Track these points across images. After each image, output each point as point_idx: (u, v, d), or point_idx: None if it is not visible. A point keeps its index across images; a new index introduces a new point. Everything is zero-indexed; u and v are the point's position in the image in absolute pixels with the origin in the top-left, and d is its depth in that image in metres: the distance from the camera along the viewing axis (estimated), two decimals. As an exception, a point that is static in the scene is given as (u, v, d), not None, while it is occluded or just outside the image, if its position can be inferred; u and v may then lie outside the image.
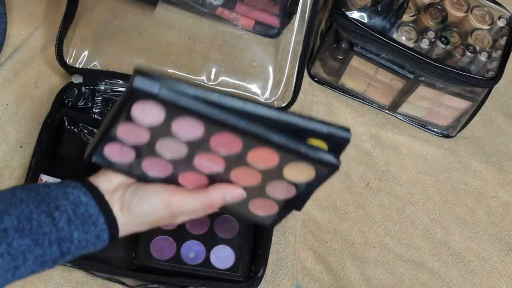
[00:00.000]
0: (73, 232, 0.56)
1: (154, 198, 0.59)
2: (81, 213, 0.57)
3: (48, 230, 0.55)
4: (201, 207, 0.60)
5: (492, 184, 0.95)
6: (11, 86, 0.87)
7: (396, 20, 0.88)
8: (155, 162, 0.60)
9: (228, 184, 0.60)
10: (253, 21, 0.93)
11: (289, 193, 0.62)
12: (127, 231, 0.60)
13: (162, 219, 0.60)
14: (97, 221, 0.57)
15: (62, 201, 0.56)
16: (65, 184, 0.58)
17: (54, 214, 0.55)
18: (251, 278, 0.78)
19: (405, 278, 0.86)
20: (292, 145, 0.56)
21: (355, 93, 0.97)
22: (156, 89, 0.53)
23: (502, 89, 1.02)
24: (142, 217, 0.59)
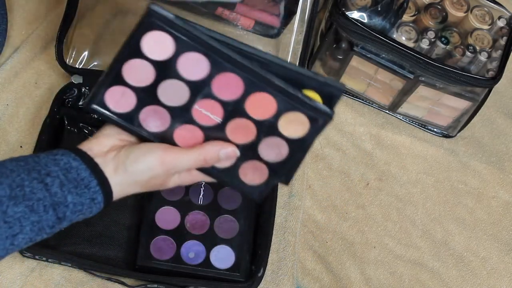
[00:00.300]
0: (67, 196, 0.56)
1: (149, 155, 0.60)
2: (72, 177, 0.57)
3: (42, 195, 0.55)
4: (195, 163, 0.61)
5: (492, 184, 0.95)
6: (11, 86, 0.87)
7: (396, 20, 0.88)
8: (154, 112, 0.60)
9: (222, 142, 0.61)
10: (253, 21, 0.93)
11: (281, 154, 0.63)
12: (122, 192, 0.61)
13: (157, 177, 0.61)
14: (90, 184, 0.58)
15: (52, 167, 0.57)
16: (53, 152, 0.59)
17: (46, 180, 0.56)
18: (251, 278, 0.78)
19: (405, 278, 0.86)
20: (291, 89, 0.57)
21: (355, 93, 0.97)
22: (171, 15, 0.54)
23: (502, 89, 1.02)
24: (138, 174, 0.60)
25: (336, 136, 0.94)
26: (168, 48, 0.56)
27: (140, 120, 0.61)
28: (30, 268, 0.77)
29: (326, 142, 0.93)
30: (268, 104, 0.59)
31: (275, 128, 0.61)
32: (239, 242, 0.80)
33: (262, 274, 0.78)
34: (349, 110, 0.96)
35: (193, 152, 0.61)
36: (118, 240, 0.80)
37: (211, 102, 0.59)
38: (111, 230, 0.80)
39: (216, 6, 0.92)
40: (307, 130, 0.61)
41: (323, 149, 0.93)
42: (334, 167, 0.92)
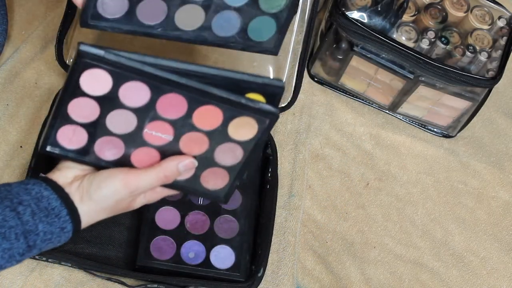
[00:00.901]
0: (38, 225, 0.57)
1: (111, 180, 0.61)
2: (44, 206, 0.58)
3: (14, 223, 0.56)
4: (157, 181, 0.62)
5: (492, 184, 0.95)
6: (11, 86, 0.87)
7: (396, 20, 0.88)
8: (107, 142, 0.62)
9: (178, 155, 0.63)
10: (253, 21, 0.93)
11: (236, 157, 0.65)
12: (90, 220, 0.62)
13: (122, 200, 0.62)
14: (60, 213, 0.59)
15: (24, 196, 0.58)
16: (24, 182, 0.60)
17: (18, 208, 0.57)
18: (251, 278, 0.78)
19: (405, 278, 0.86)
20: (233, 97, 0.59)
21: (355, 93, 0.97)
22: (102, 52, 0.56)
23: (502, 89, 1.02)
24: (103, 201, 0.61)
25: (336, 136, 0.94)
26: (106, 82, 0.58)
27: (96, 152, 0.63)
28: (30, 268, 0.77)
29: (326, 142, 0.93)
30: (214, 114, 0.61)
31: (225, 135, 0.63)
32: (239, 242, 0.80)
33: (262, 274, 0.78)
34: (349, 110, 0.96)
35: (153, 171, 0.62)
36: (118, 240, 0.80)
37: (159, 123, 0.61)
38: (111, 230, 0.80)
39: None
40: (256, 131, 0.63)
41: (323, 149, 0.93)
42: (334, 167, 0.92)
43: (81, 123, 0.61)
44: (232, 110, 0.60)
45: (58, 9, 0.94)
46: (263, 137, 0.63)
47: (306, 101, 0.95)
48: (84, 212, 0.61)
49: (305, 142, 0.92)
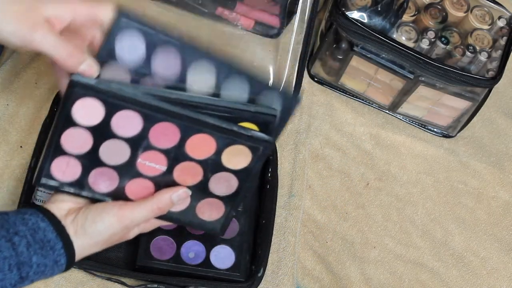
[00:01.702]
0: (32, 257, 0.57)
1: (105, 215, 0.61)
2: (39, 238, 0.58)
3: (8, 254, 0.56)
4: (151, 214, 0.63)
5: (492, 184, 0.95)
6: (11, 86, 0.87)
7: (396, 20, 0.88)
8: (101, 173, 0.62)
9: (171, 187, 0.63)
10: (253, 21, 0.93)
11: (231, 186, 0.65)
12: (84, 253, 0.62)
13: (116, 234, 0.62)
14: (55, 246, 0.59)
15: (20, 226, 0.58)
16: (22, 211, 0.60)
17: (13, 239, 0.57)
18: (251, 278, 0.78)
19: (405, 278, 0.86)
20: (225, 125, 0.60)
21: (355, 93, 0.97)
22: (93, 81, 0.56)
23: (502, 89, 1.02)
24: (97, 235, 0.61)
25: (336, 136, 0.94)
26: (99, 112, 0.58)
27: (90, 184, 0.63)
28: (30, 268, 0.77)
29: (326, 142, 0.93)
30: (207, 143, 0.61)
31: (219, 164, 0.63)
32: (239, 242, 0.80)
33: (262, 274, 0.78)
34: (349, 110, 0.96)
35: (146, 204, 0.63)
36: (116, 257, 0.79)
37: (152, 153, 0.61)
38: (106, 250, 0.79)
39: (216, 6, 0.92)
40: (250, 159, 0.63)
41: (323, 149, 0.93)
42: (334, 167, 0.92)
43: (74, 155, 0.61)
44: (225, 138, 0.61)
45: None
46: (258, 166, 0.63)
47: (306, 101, 0.95)
48: (78, 246, 0.61)
49: (305, 142, 0.92)
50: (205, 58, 0.60)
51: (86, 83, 0.56)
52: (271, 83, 0.66)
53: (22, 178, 0.80)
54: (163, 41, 0.59)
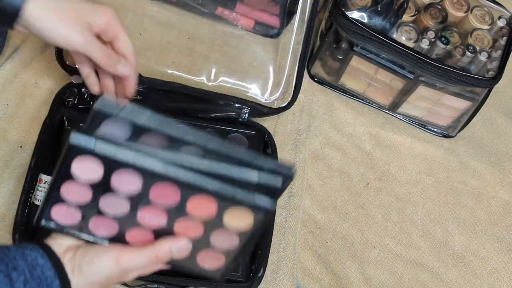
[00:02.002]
0: None
1: (103, 257, 0.61)
2: (37, 275, 0.58)
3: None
4: (149, 262, 0.62)
5: (492, 184, 0.95)
6: (11, 86, 0.87)
7: (396, 20, 0.88)
8: (101, 221, 0.62)
9: (174, 237, 0.62)
10: (253, 21, 0.93)
11: (233, 242, 0.64)
12: None
13: (113, 277, 0.62)
14: (52, 284, 0.59)
15: (20, 261, 0.58)
16: (23, 245, 0.60)
17: (12, 275, 0.56)
18: (251, 278, 0.78)
19: (405, 278, 0.86)
20: (227, 191, 0.58)
21: (355, 93, 0.97)
22: (92, 144, 0.55)
23: (502, 89, 1.02)
24: (94, 276, 0.61)
25: (336, 136, 0.94)
26: (98, 169, 0.58)
27: (90, 229, 0.63)
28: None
29: (326, 142, 0.93)
30: (208, 203, 0.60)
31: (221, 224, 0.62)
32: None
33: (262, 274, 0.78)
34: (349, 110, 0.96)
35: (145, 251, 0.62)
36: None
37: (153, 208, 0.61)
38: None
39: (216, 6, 0.92)
40: (252, 221, 0.61)
41: (323, 149, 0.93)
42: (334, 167, 0.92)
43: (74, 204, 0.61)
44: (226, 201, 0.59)
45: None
46: (260, 228, 0.62)
47: (306, 101, 0.96)
48: (75, 285, 0.61)
49: (305, 142, 0.92)
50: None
51: (85, 146, 0.56)
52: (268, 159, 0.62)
53: (22, 178, 0.80)
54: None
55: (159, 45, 0.91)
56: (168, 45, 0.91)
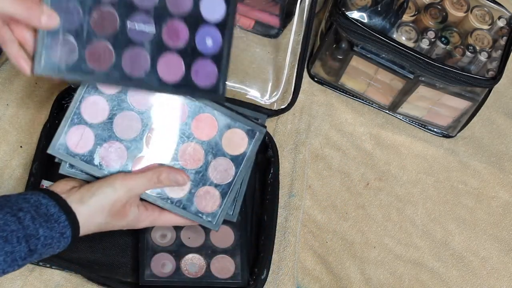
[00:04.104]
0: (39, 229, 0.59)
1: (110, 180, 0.65)
2: (43, 212, 0.60)
3: (15, 227, 0.57)
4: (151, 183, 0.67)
5: (492, 184, 0.95)
6: (11, 86, 0.87)
7: (396, 20, 0.88)
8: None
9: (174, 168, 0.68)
10: (253, 21, 0.93)
11: (228, 175, 0.70)
12: (89, 222, 0.64)
13: (119, 200, 0.65)
14: (59, 219, 0.61)
15: (23, 204, 0.60)
16: (22, 192, 0.62)
17: (18, 214, 0.58)
18: (255, 280, 0.78)
19: (405, 278, 0.86)
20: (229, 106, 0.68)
21: (355, 93, 0.97)
22: None
23: (502, 89, 1.02)
24: (102, 199, 0.64)
25: (336, 136, 0.94)
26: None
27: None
28: (30, 268, 0.77)
29: (326, 142, 0.93)
30: (211, 123, 0.67)
31: (219, 148, 0.68)
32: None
33: (266, 276, 0.78)
34: (349, 110, 0.96)
35: (148, 173, 0.67)
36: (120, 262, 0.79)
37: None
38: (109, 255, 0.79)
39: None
40: (247, 144, 0.68)
41: (323, 149, 0.93)
42: (334, 167, 0.92)
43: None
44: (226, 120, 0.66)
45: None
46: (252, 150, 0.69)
47: (306, 101, 0.95)
48: (83, 213, 0.63)
49: (305, 142, 0.92)
50: None
51: None
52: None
53: (22, 178, 0.80)
54: None
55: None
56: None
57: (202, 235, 0.80)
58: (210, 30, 0.67)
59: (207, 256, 0.79)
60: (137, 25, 0.64)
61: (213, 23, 0.67)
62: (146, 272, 0.76)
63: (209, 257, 0.79)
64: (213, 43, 0.68)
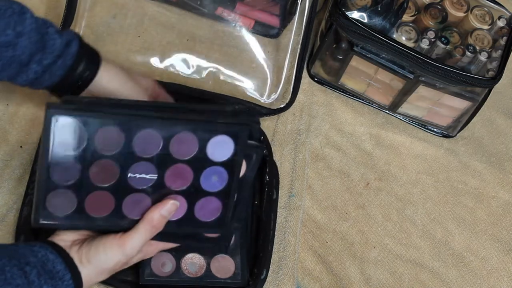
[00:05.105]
0: (43, 286, 0.59)
1: (108, 245, 0.64)
2: (49, 269, 0.60)
3: (21, 282, 0.58)
4: (148, 234, 0.65)
5: (492, 184, 0.95)
6: (11, 86, 0.87)
7: (396, 20, 0.88)
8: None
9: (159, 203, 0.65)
10: (253, 21, 0.93)
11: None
12: (90, 282, 0.65)
13: (119, 262, 0.65)
14: (64, 277, 0.61)
15: (31, 258, 0.60)
16: (30, 244, 0.62)
17: (25, 268, 0.59)
18: (254, 280, 0.78)
19: (405, 278, 0.86)
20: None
21: (355, 93, 0.97)
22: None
23: (502, 89, 1.02)
24: (102, 264, 0.64)
25: (336, 136, 0.94)
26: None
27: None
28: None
29: (326, 142, 0.93)
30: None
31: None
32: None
33: (265, 276, 0.78)
34: (349, 110, 0.96)
35: (140, 227, 0.65)
36: None
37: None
38: None
39: (216, 6, 0.92)
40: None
41: (323, 149, 0.93)
42: (334, 167, 0.92)
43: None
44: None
45: (58, 9, 0.94)
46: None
47: (306, 101, 0.96)
48: (85, 276, 0.63)
49: (305, 142, 0.92)
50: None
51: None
52: None
53: (22, 178, 0.80)
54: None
55: (159, 45, 0.91)
56: (168, 45, 0.91)
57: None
58: (216, 169, 0.65)
59: (207, 255, 0.79)
60: (139, 175, 0.63)
61: (219, 163, 0.65)
62: (146, 271, 0.76)
63: (209, 256, 0.79)
64: (218, 180, 0.66)
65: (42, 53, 0.66)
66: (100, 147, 0.60)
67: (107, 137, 0.60)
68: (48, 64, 0.67)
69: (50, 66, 0.67)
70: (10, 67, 0.65)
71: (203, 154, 0.64)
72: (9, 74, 0.66)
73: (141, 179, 0.63)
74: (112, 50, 0.89)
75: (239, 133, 0.63)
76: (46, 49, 0.67)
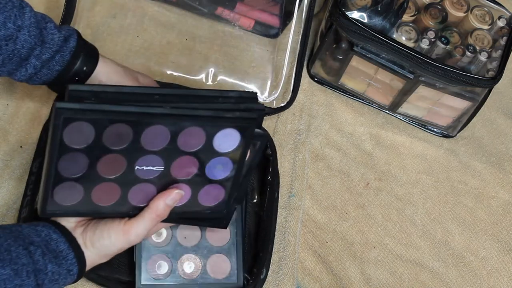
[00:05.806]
0: (48, 265, 0.60)
1: (112, 231, 0.65)
2: (53, 248, 0.61)
3: (26, 261, 0.58)
4: (152, 222, 0.66)
5: (492, 184, 0.95)
6: (11, 86, 0.87)
7: (396, 20, 0.88)
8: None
9: (164, 191, 0.65)
10: (253, 21, 0.93)
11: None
12: (93, 263, 0.65)
13: (122, 248, 0.66)
14: (67, 256, 0.62)
15: (34, 237, 0.61)
16: (34, 224, 0.63)
17: (30, 248, 0.59)
18: (254, 280, 0.78)
19: (405, 278, 0.86)
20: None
21: (355, 93, 0.97)
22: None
23: (502, 89, 1.02)
24: (105, 249, 0.65)
25: (336, 136, 0.94)
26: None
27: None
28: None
29: (326, 142, 0.93)
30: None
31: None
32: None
33: (265, 276, 0.78)
34: (349, 110, 0.96)
35: (145, 215, 0.66)
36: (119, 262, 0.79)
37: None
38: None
39: (216, 6, 0.92)
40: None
41: (323, 149, 0.93)
42: (334, 167, 0.92)
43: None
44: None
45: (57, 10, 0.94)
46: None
47: (306, 101, 0.95)
48: (88, 257, 0.64)
49: (305, 142, 0.92)
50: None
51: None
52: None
53: (22, 178, 0.80)
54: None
55: (159, 45, 0.91)
56: (168, 45, 0.91)
57: (198, 233, 0.80)
58: (221, 159, 0.66)
59: (202, 256, 0.79)
60: (146, 167, 0.63)
61: (225, 154, 0.66)
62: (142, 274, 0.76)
63: (205, 257, 0.79)
64: (223, 169, 0.67)
65: (41, 48, 0.66)
66: (108, 143, 0.60)
67: (116, 134, 0.60)
68: (46, 59, 0.67)
69: (48, 61, 0.67)
70: (11, 61, 0.65)
71: (209, 146, 0.64)
72: (9, 69, 0.66)
73: (148, 171, 0.64)
74: (112, 50, 0.89)
75: (247, 127, 0.64)
76: (45, 43, 0.66)
